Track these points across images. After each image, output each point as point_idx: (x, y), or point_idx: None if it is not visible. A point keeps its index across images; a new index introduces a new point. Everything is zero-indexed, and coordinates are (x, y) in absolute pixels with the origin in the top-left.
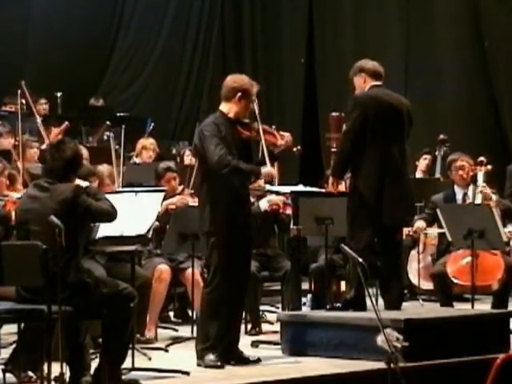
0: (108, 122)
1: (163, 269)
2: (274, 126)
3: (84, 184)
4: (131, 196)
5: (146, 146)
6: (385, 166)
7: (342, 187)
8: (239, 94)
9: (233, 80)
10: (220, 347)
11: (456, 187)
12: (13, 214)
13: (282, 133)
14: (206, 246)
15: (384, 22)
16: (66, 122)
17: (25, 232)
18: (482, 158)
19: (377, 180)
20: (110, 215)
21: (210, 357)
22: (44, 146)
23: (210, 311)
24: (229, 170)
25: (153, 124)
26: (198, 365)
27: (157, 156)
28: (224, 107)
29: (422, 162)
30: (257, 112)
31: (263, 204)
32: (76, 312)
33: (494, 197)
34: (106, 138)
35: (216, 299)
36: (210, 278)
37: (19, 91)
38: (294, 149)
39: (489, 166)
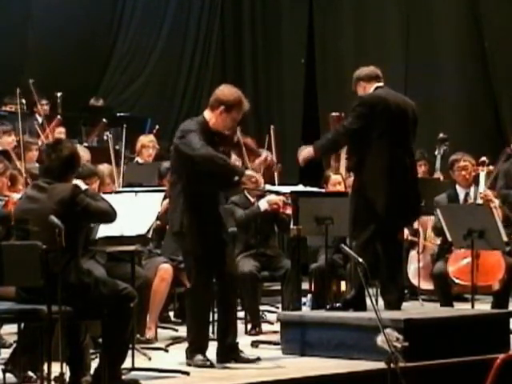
0: (104, 120)
1: (166, 268)
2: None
3: (83, 187)
4: (131, 196)
5: (145, 145)
6: (389, 165)
7: (342, 187)
8: (222, 107)
9: (222, 91)
10: (220, 348)
11: (458, 187)
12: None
13: (262, 151)
14: (178, 247)
15: (384, 22)
16: (58, 116)
17: (23, 232)
18: (483, 159)
19: (381, 180)
20: (109, 215)
21: (199, 357)
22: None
23: (192, 314)
24: (217, 159)
25: (157, 126)
26: (188, 364)
27: (157, 154)
28: (207, 114)
29: (419, 170)
30: (238, 132)
31: (263, 204)
32: (76, 312)
33: (497, 201)
34: (105, 137)
35: (195, 302)
36: (191, 281)
37: (18, 90)
38: (274, 167)
39: (491, 167)
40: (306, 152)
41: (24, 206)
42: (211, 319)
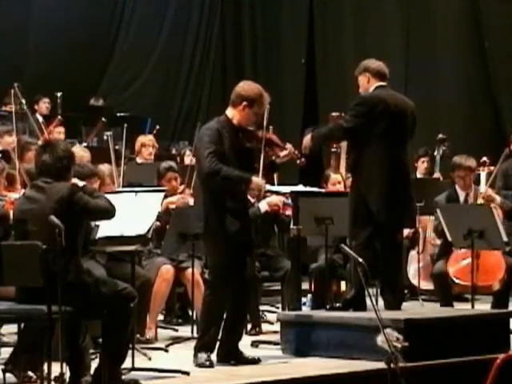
0: (103, 119)
1: (167, 269)
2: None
3: (80, 183)
4: (131, 196)
5: (145, 143)
6: (389, 167)
7: (341, 186)
8: (245, 102)
9: (242, 87)
10: (222, 348)
11: (458, 188)
12: (11, 213)
13: (287, 145)
14: (204, 247)
15: (384, 22)
16: (59, 117)
17: (22, 232)
18: (484, 159)
19: (380, 181)
20: (108, 212)
21: (203, 355)
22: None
23: (207, 313)
24: (220, 178)
25: (158, 126)
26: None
27: (156, 154)
28: (229, 112)
29: (421, 166)
30: (264, 121)
31: (263, 205)
32: (76, 312)
33: (498, 198)
34: (105, 137)
35: (213, 302)
36: (209, 280)
37: (12, 91)
38: (298, 161)
39: (491, 167)
40: (306, 140)
41: (23, 207)
42: None
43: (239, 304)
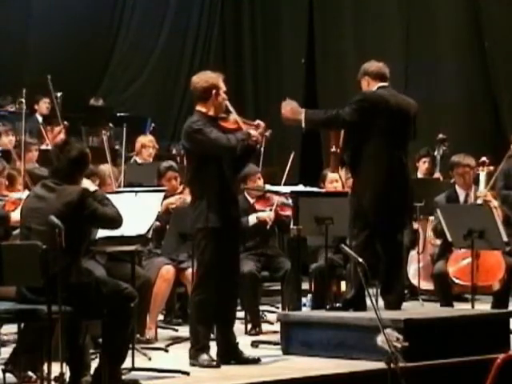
0: (111, 124)
1: (168, 269)
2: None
3: (92, 188)
4: (131, 196)
5: (145, 144)
6: (390, 167)
7: (339, 184)
8: (214, 91)
9: (203, 80)
10: (220, 348)
11: (458, 188)
12: (12, 214)
13: (257, 121)
14: (196, 246)
15: (384, 22)
16: (65, 122)
17: (28, 231)
18: (484, 159)
19: (381, 181)
20: (115, 222)
21: (204, 356)
22: (44, 147)
23: (199, 313)
24: (240, 145)
25: (153, 124)
26: (192, 365)
27: (156, 154)
28: (202, 108)
29: (422, 166)
30: (228, 104)
31: (252, 219)
32: (76, 312)
33: (496, 202)
34: (105, 137)
35: (204, 301)
36: (198, 279)
37: (24, 90)
38: (267, 133)
39: (491, 167)
40: (293, 113)
41: (32, 205)
42: None
43: (230, 301)
